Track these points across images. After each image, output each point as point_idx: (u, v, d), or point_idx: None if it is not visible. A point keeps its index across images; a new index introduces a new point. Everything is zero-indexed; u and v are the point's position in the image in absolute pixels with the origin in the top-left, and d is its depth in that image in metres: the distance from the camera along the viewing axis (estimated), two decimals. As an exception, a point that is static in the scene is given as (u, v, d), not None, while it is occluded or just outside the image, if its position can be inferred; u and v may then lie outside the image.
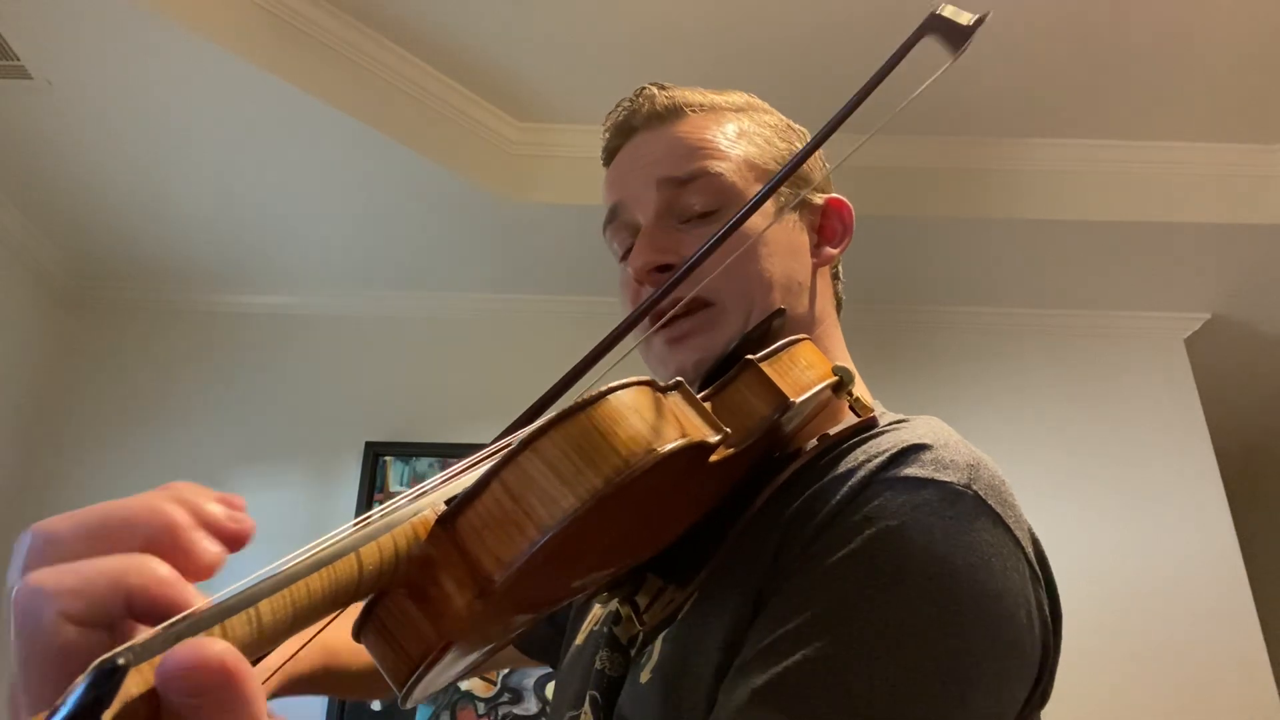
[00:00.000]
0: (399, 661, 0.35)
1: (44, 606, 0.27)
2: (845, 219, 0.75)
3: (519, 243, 2.46)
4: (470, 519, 0.36)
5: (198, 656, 0.24)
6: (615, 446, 0.37)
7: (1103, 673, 2.29)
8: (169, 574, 0.28)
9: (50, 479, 2.49)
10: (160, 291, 2.69)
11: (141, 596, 0.27)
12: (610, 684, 0.61)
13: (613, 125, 0.75)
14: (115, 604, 0.27)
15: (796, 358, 0.56)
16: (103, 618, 0.27)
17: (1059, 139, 2.33)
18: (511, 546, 0.35)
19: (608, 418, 0.38)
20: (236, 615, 0.27)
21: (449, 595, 0.35)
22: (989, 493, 0.53)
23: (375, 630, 0.36)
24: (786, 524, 0.55)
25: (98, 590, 0.27)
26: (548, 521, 0.35)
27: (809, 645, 0.47)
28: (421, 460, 2.52)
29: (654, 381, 0.42)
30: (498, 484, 0.36)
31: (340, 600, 0.31)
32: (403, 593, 0.35)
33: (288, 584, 0.29)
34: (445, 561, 0.35)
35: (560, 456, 0.36)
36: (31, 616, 0.27)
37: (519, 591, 0.37)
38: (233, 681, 0.24)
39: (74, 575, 0.27)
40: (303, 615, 0.30)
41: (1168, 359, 2.70)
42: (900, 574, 0.49)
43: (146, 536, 0.30)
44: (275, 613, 0.28)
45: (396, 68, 2.11)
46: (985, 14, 0.57)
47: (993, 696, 0.49)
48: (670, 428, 0.40)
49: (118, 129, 2.06)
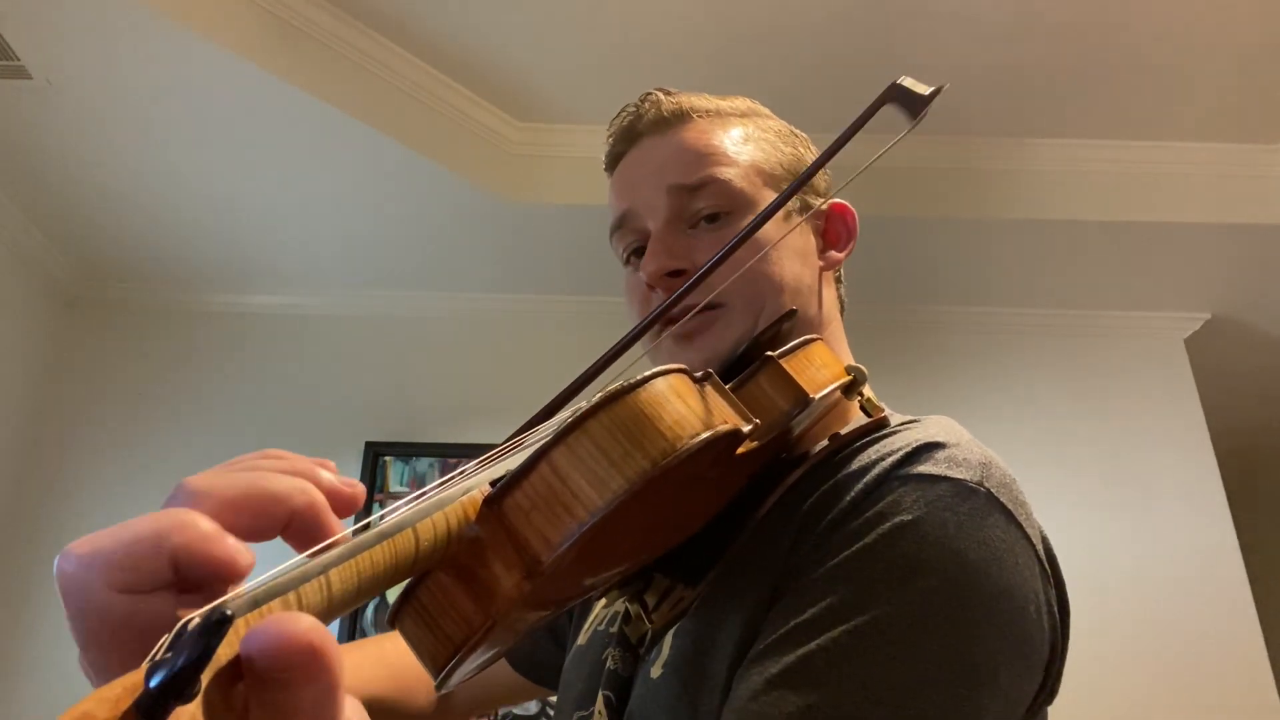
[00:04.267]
0: (438, 645, 0.36)
1: (90, 580, 0.26)
2: (850, 224, 0.77)
3: (519, 243, 2.46)
4: (518, 499, 0.36)
5: (288, 632, 0.24)
6: (661, 430, 0.37)
7: (1102, 672, 2.29)
8: (211, 528, 0.28)
9: (50, 478, 2.48)
10: (160, 291, 2.69)
11: (185, 555, 0.27)
12: (623, 683, 0.62)
13: (617, 130, 0.76)
14: (161, 568, 0.27)
15: (812, 356, 0.57)
16: (152, 582, 0.27)
17: (1059, 139, 2.33)
18: (560, 528, 0.35)
19: (652, 402, 0.38)
20: (310, 582, 0.28)
21: (496, 576, 0.35)
22: (1001, 490, 0.54)
23: (414, 613, 0.36)
24: (802, 519, 0.55)
25: (141, 556, 0.27)
26: (597, 503, 0.35)
27: (823, 635, 0.48)
28: (421, 460, 2.52)
29: (689, 370, 0.43)
30: (546, 465, 0.36)
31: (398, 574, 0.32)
32: (447, 573, 0.35)
33: (354, 554, 0.29)
34: (493, 542, 0.35)
35: (608, 438, 0.36)
36: (78, 591, 0.27)
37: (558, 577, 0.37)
38: (316, 656, 0.24)
39: (113, 542, 0.27)
40: (366, 587, 0.30)
41: (1168, 359, 2.70)
42: (915, 567, 0.49)
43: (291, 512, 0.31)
44: (344, 582, 0.29)
45: (397, 68, 2.11)
46: (942, 86, 0.60)
47: (1002, 689, 0.50)
48: (709, 414, 0.40)
49: (118, 129, 2.06)
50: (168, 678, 0.21)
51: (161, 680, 0.21)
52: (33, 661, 2.30)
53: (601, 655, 0.66)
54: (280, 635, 0.24)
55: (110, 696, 0.21)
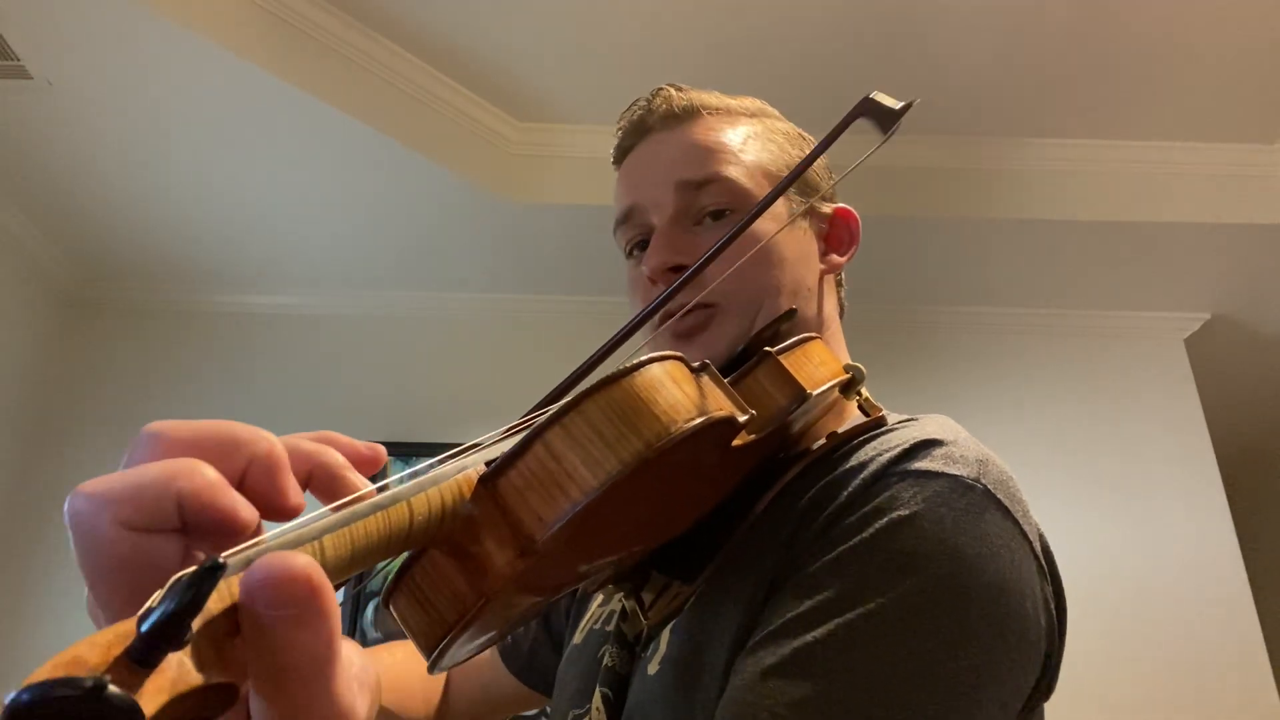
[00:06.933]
0: (431, 624, 0.36)
1: (99, 515, 0.27)
2: (852, 228, 0.77)
3: (519, 243, 2.46)
4: (513, 479, 0.36)
5: (285, 566, 0.24)
6: (656, 413, 0.38)
7: (1102, 671, 2.29)
8: (216, 478, 0.28)
9: (50, 478, 2.48)
10: (160, 291, 2.69)
11: (191, 500, 0.28)
12: (621, 681, 0.62)
13: (627, 124, 0.76)
14: (168, 508, 0.27)
15: (810, 354, 0.57)
16: (159, 522, 0.27)
17: (1059, 139, 2.33)
18: (554, 506, 0.35)
19: (649, 385, 0.39)
20: (304, 545, 0.28)
21: (490, 554, 0.35)
22: (998, 487, 0.54)
23: (408, 591, 0.37)
24: (800, 515, 0.56)
25: (149, 495, 0.27)
26: (591, 483, 0.35)
27: (820, 627, 0.48)
28: (421, 460, 2.52)
29: (685, 359, 0.43)
30: (541, 445, 0.37)
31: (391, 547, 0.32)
32: (441, 551, 0.36)
33: (349, 522, 0.30)
34: (487, 520, 0.36)
35: (604, 420, 0.37)
36: (87, 526, 0.27)
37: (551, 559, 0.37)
38: (316, 594, 0.24)
39: (122, 481, 0.28)
40: (359, 556, 0.30)
41: (1168, 359, 2.70)
42: (913, 562, 0.49)
43: (249, 458, 0.31)
44: (337, 549, 0.29)
45: (397, 68, 2.11)
46: (913, 100, 0.61)
47: (999, 684, 0.50)
48: (705, 400, 0.41)
49: (118, 129, 2.06)
50: (158, 621, 0.22)
51: (152, 624, 0.22)
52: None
53: (598, 653, 0.66)
54: (280, 566, 0.24)
55: (102, 641, 0.22)
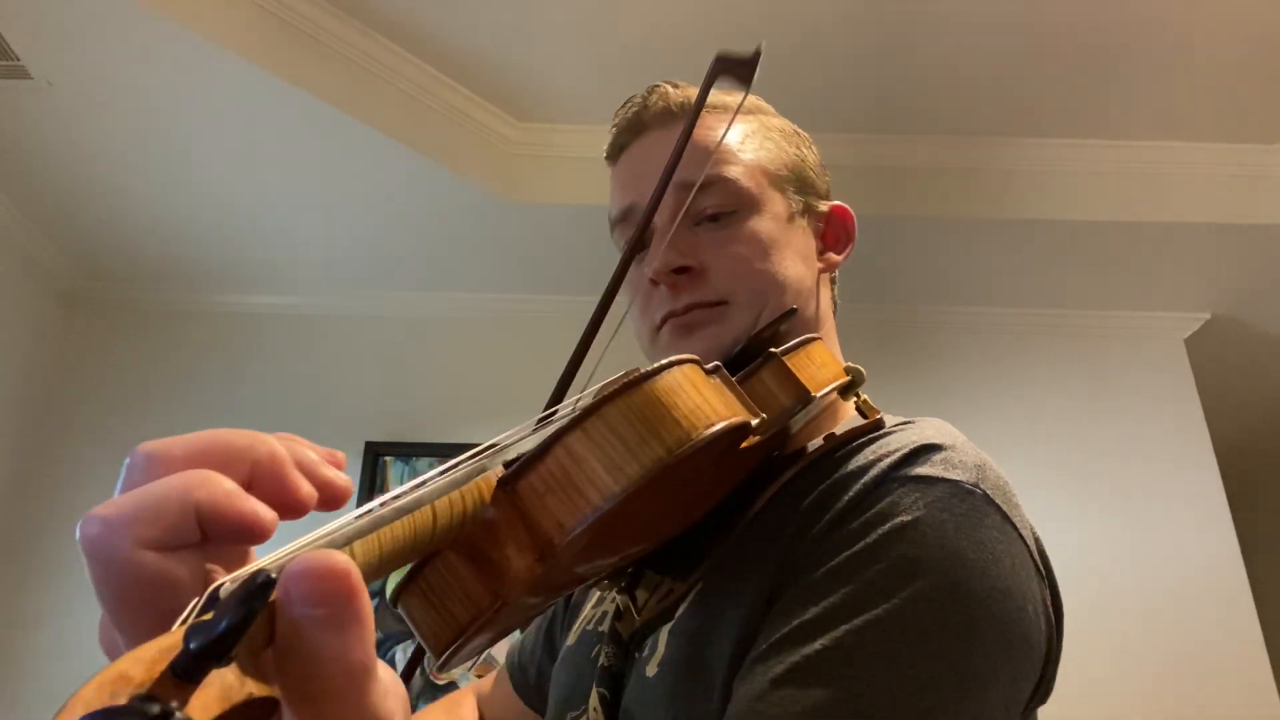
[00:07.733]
0: (443, 625, 0.35)
1: (119, 538, 0.26)
2: (849, 226, 0.77)
3: (519, 243, 2.46)
4: (532, 482, 0.36)
5: (327, 563, 0.24)
6: (676, 418, 0.37)
7: (1102, 672, 2.29)
8: (234, 487, 0.28)
9: (50, 478, 2.48)
10: (160, 291, 2.69)
11: (210, 511, 0.27)
12: (616, 680, 0.62)
13: (623, 121, 0.75)
14: (188, 523, 0.27)
15: (812, 355, 0.57)
16: (182, 538, 0.27)
17: (1058, 139, 2.33)
18: (575, 512, 0.35)
19: (669, 390, 0.38)
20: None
21: (508, 558, 0.35)
22: (996, 491, 0.55)
23: (420, 592, 0.36)
24: (800, 517, 0.55)
25: (170, 511, 0.27)
26: (613, 488, 0.35)
27: (826, 634, 0.48)
28: (421, 460, 2.52)
29: (700, 361, 0.43)
30: (561, 449, 0.36)
31: (415, 551, 0.32)
32: (457, 554, 0.35)
33: (376, 528, 0.30)
34: (506, 524, 0.35)
35: (625, 424, 0.36)
36: (106, 551, 0.26)
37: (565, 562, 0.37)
38: (355, 594, 0.24)
39: (138, 501, 0.27)
40: (386, 561, 0.30)
41: (1168, 359, 2.70)
42: (915, 568, 0.49)
43: (253, 462, 0.30)
44: (366, 554, 0.29)
45: (397, 68, 2.11)
46: (759, 45, 0.62)
47: (1001, 689, 0.50)
48: (722, 405, 0.41)
49: (118, 129, 2.06)
50: (211, 640, 0.21)
51: (203, 643, 0.21)
52: (34, 662, 2.30)
53: (592, 653, 0.66)
54: (321, 561, 0.24)
55: (146, 657, 0.21)
